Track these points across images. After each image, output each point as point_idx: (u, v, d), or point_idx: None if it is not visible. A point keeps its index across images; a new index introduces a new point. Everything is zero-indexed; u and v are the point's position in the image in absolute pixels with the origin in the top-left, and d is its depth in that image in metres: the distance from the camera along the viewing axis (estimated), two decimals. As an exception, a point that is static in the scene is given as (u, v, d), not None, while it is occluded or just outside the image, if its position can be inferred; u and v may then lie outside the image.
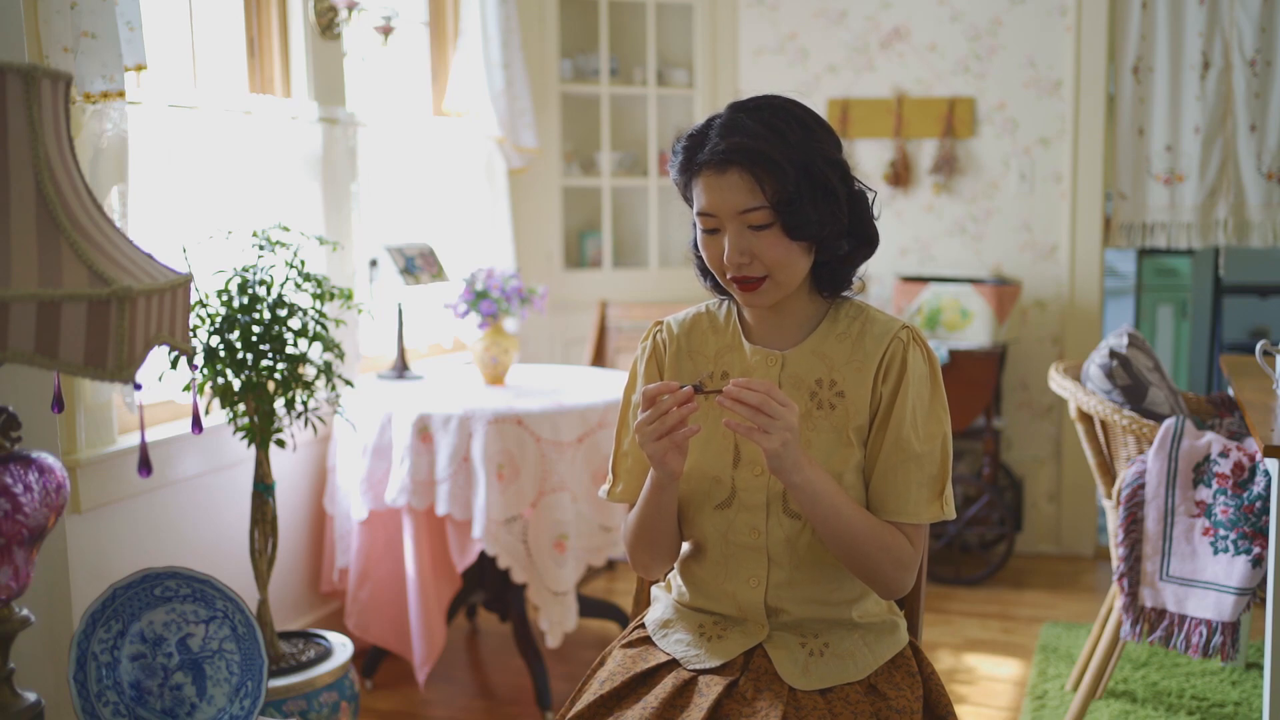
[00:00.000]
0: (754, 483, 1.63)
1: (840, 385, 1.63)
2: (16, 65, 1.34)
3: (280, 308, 2.51)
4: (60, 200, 1.35)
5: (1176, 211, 4.18)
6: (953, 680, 3.30)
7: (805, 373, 1.65)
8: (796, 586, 1.64)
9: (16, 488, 1.44)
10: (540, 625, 3.12)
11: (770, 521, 1.62)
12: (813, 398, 1.64)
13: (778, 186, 1.54)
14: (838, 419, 1.63)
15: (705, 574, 1.69)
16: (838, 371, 1.64)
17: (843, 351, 1.64)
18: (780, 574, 1.63)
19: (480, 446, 3.00)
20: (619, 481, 1.75)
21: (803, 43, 4.53)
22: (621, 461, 1.75)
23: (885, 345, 1.63)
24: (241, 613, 1.67)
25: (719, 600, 1.68)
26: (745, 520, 1.64)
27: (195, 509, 2.89)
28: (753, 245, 1.56)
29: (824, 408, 1.63)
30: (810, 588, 1.64)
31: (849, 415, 1.62)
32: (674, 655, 1.66)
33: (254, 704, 1.64)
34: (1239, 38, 4.04)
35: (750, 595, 1.65)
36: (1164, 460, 2.59)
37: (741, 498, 1.64)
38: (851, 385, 1.63)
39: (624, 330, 4.27)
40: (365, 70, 3.55)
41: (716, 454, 1.65)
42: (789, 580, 1.63)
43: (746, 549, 1.64)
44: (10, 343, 1.27)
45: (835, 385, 1.63)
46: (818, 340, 1.65)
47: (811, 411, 1.63)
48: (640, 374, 1.75)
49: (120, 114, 2.41)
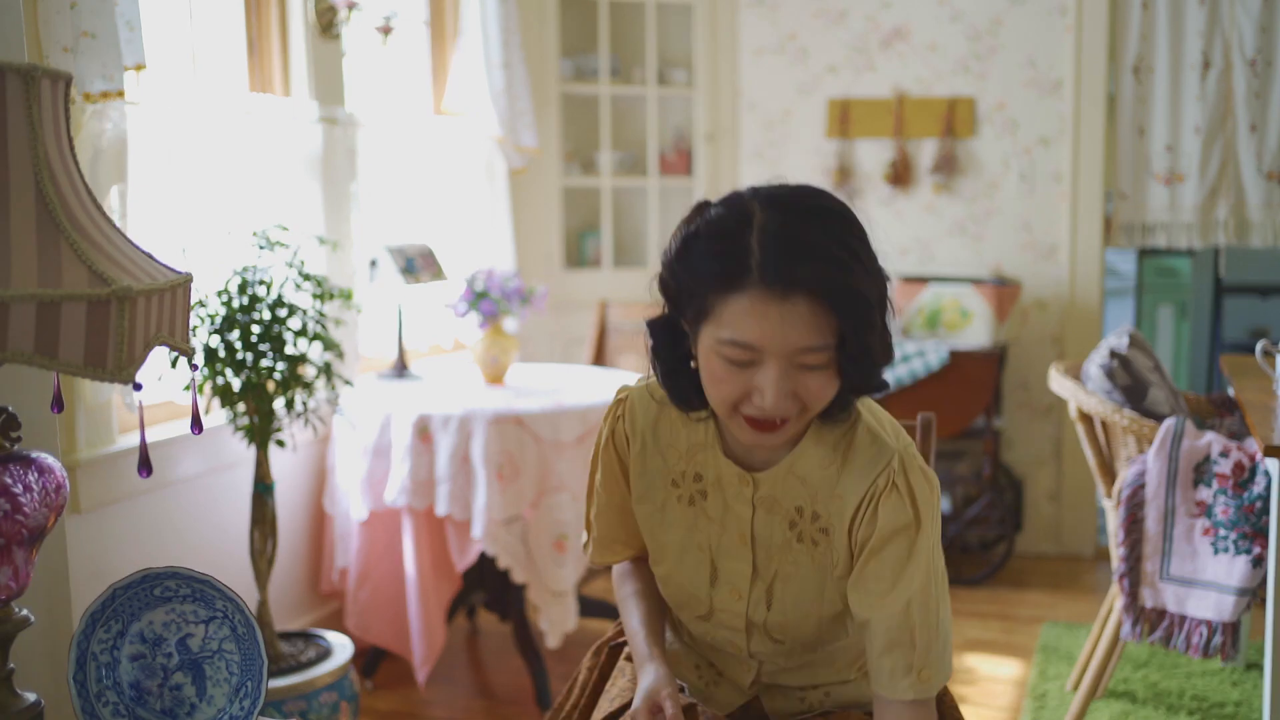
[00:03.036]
0: (733, 606, 1.46)
1: (824, 520, 1.40)
2: (16, 65, 1.33)
3: (280, 308, 2.51)
4: (60, 200, 1.35)
5: (1176, 211, 4.18)
6: (953, 680, 3.30)
7: (782, 497, 1.41)
8: (789, 672, 1.54)
9: (16, 488, 1.44)
10: (540, 625, 3.12)
11: (752, 641, 1.48)
12: (792, 528, 1.41)
13: (853, 323, 1.25)
14: (821, 558, 1.41)
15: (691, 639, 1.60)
16: (820, 503, 1.40)
17: (826, 480, 1.39)
18: (771, 667, 1.54)
19: (480, 446, 3.00)
20: (594, 545, 1.61)
21: (803, 43, 4.53)
22: (593, 525, 1.60)
23: (868, 484, 1.37)
24: (241, 613, 1.66)
25: (710, 663, 1.60)
26: (725, 636, 1.50)
27: (195, 509, 2.89)
28: (799, 387, 1.28)
29: (805, 541, 1.41)
30: (804, 672, 1.54)
31: (834, 560, 1.41)
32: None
33: (254, 704, 1.63)
34: (1239, 38, 4.04)
35: (741, 678, 1.56)
36: (1164, 460, 2.59)
37: (720, 617, 1.48)
38: (835, 523, 1.40)
39: (624, 330, 4.27)
40: (365, 70, 3.55)
41: (692, 569, 1.47)
42: (781, 669, 1.54)
43: (730, 657, 1.54)
44: (10, 343, 1.27)
45: (818, 519, 1.40)
46: (797, 461, 1.40)
47: (791, 543, 1.41)
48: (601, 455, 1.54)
49: (120, 114, 2.41)
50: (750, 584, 1.45)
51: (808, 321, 1.24)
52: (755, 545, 1.44)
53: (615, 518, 1.57)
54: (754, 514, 1.43)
